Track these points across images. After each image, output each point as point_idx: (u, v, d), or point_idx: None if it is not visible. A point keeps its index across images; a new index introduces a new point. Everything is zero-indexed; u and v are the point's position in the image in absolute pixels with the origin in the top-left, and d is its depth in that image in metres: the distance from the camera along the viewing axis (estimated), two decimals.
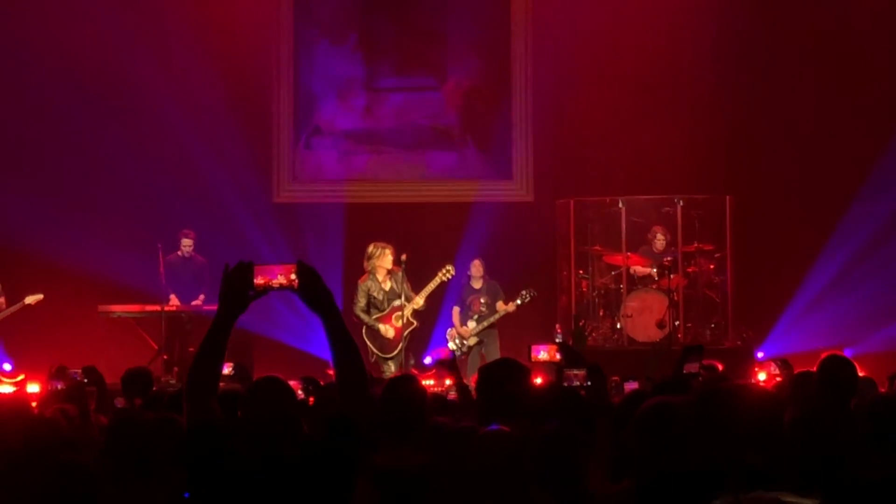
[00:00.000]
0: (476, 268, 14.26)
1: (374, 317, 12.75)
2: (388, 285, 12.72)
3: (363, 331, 12.78)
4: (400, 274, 12.70)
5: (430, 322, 14.48)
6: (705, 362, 7.78)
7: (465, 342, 14.02)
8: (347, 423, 3.89)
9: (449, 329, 14.29)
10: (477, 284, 14.21)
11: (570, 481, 4.38)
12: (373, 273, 12.75)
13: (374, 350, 12.81)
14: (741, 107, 16.07)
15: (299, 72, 16.77)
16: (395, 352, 12.72)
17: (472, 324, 14.06)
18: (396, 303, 12.75)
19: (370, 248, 12.81)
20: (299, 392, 6.23)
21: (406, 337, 12.82)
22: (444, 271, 12.94)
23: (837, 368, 6.36)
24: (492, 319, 14.02)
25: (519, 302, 13.97)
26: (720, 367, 8.72)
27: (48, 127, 15.93)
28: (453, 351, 13.81)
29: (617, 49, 16.13)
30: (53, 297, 14.37)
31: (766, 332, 15.25)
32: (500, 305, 14.07)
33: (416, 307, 12.73)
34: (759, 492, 3.08)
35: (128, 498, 4.45)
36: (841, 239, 15.36)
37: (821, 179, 15.68)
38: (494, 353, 13.65)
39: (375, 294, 12.73)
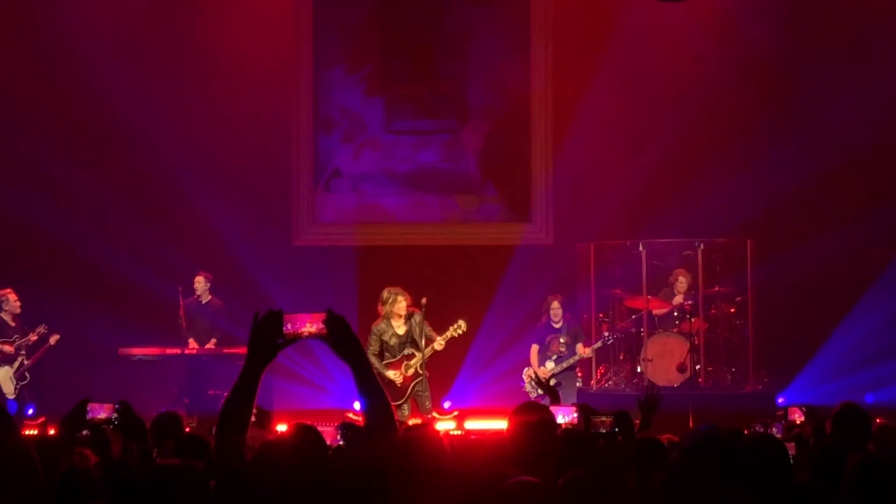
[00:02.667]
0: (554, 304, 13.95)
1: (385, 362, 12.58)
2: (402, 329, 12.50)
3: None
4: (419, 316, 12.49)
5: (454, 368, 14.41)
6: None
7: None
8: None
9: (526, 369, 13.92)
10: (557, 324, 13.90)
11: None
12: (387, 318, 12.59)
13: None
14: (763, 149, 16.03)
15: (319, 114, 16.81)
16: (402, 400, 12.51)
17: (549, 364, 13.74)
18: (407, 351, 12.51)
19: (384, 294, 12.64)
20: (338, 438, 6.30)
21: (414, 387, 12.56)
22: (455, 326, 12.45)
23: (851, 417, 6.32)
24: (571, 361, 13.75)
25: (599, 345, 13.88)
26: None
27: (71, 166, 15.94)
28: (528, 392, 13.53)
29: (637, 91, 16.15)
30: (72, 340, 14.36)
31: (786, 377, 15.14)
32: (579, 348, 13.81)
33: (437, 348, 12.49)
34: None
35: None
36: (866, 284, 15.27)
37: (843, 223, 15.60)
38: (571, 395, 13.40)
39: (388, 339, 12.51)
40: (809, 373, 15.15)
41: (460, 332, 12.44)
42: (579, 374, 14.56)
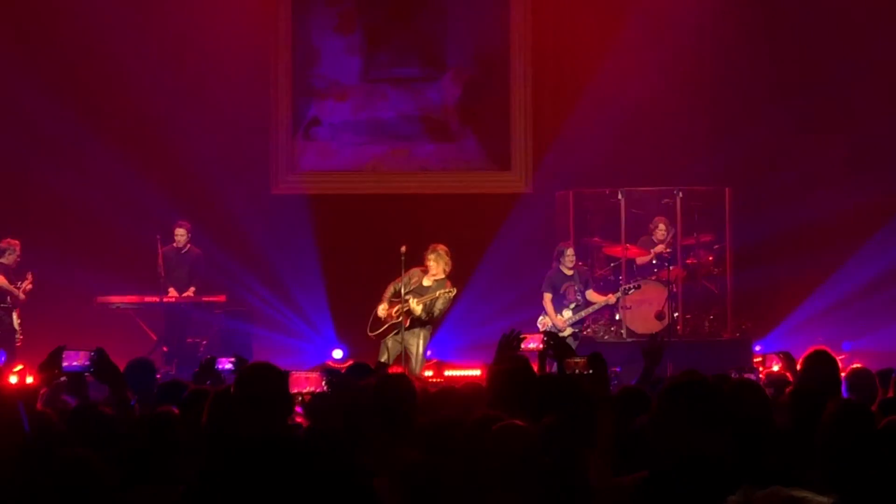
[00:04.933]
0: (569, 251, 13.71)
1: (390, 297, 12.45)
2: (427, 283, 12.33)
3: None
4: (447, 291, 12.19)
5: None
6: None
7: (559, 332, 13.21)
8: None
9: (541, 317, 13.69)
10: (569, 271, 13.69)
11: (570, 475, 4.35)
12: (425, 270, 12.42)
13: (370, 323, 12.50)
14: (741, 98, 16.05)
15: (297, 62, 16.71)
16: (375, 333, 12.44)
17: (567, 313, 13.55)
18: (407, 296, 12.39)
19: (438, 249, 12.48)
20: (323, 384, 6.37)
21: (387, 330, 12.39)
22: (445, 291, 12.27)
23: (818, 364, 6.37)
24: (590, 310, 13.67)
25: (620, 294, 13.81)
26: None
27: (48, 114, 15.84)
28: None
29: (616, 40, 16.10)
30: (49, 288, 14.32)
31: (765, 323, 15.22)
32: (593, 295, 13.67)
33: (411, 307, 12.24)
34: (775, 488, 3.06)
35: (134, 497, 4.43)
36: (842, 231, 15.33)
37: (822, 172, 15.65)
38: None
39: (412, 283, 12.36)
40: (787, 321, 15.24)
41: (447, 295, 12.28)
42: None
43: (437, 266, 12.37)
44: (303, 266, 15.93)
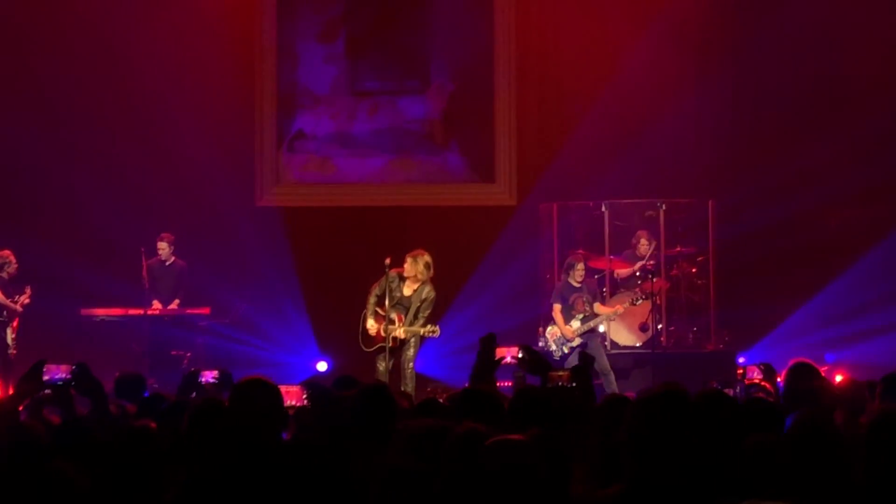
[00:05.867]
0: (580, 265, 13.80)
1: (374, 306, 12.54)
2: (407, 292, 12.40)
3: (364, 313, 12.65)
4: (428, 295, 12.33)
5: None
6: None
7: (567, 343, 13.66)
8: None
9: (550, 327, 13.88)
10: (577, 283, 13.77)
11: (553, 488, 4.34)
12: (403, 275, 12.49)
13: (361, 337, 12.56)
14: (724, 111, 16.09)
15: (282, 74, 16.72)
16: (369, 349, 12.50)
17: (575, 323, 13.66)
18: (393, 315, 12.45)
19: (411, 256, 12.54)
20: (304, 398, 6.44)
21: (379, 349, 12.42)
22: (430, 329, 12.35)
23: (800, 375, 6.41)
24: (598, 321, 13.76)
25: (628, 304, 13.89)
26: None
27: (27, 132, 15.80)
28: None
29: (601, 52, 16.15)
30: (33, 301, 14.28)
31: (749, 336, 15.24)
32: (600, 308, 13.79)
33: (395, 334, 12.31)
34: (754, 500, 3.08)
35: None
36: (827, 243, 15.38)
37: (804, 184, 15.69)
38: (599, 353, 13.31)
39: (392, 292, 12.42)
40: (770, 333, 15.27)
41: (434, 335, 12.37)
42: (540, 333, 14.59)
43: (412, 270, 12.40)
44: (287, 278, 15.92)
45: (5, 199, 15.74)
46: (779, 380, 7.66)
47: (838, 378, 11.13)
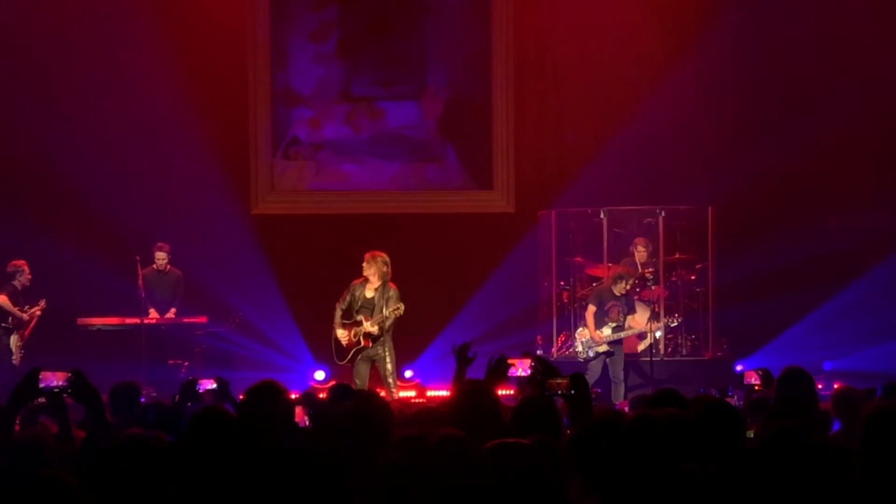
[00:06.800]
0: (630, 280, 13.85)
1: (341, 319, 12.57)
2: (370, 294, 12.51)
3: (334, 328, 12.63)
4: (393, 293, 12.32)
5: (417, 338, 14.39)
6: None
7: (594, 347, 13.70)
8: None
9: (580, 328, 13.99)
10: (619, 293, 13.77)
11: (553, 490, 4.31)
12: (365, 279, 12.55)
13: (334, 351, 12.62)
14: (724, 117, 16.08)
15: (277, 81, 16.69)
16: (343, 362, 12.52)
17: (607, 330, 13.72)
18: (359, 317, 12.50)
19: (366, 255, 12.63)
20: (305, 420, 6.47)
21: (362, 352, 12.42)
22: (393, 309, 12.28)
23: (794, 381, 6.39)
24: (628, 333, 13.81)
25: (661, 327, 14.04)
26: None
27: (23, 140, 15.77)
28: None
29: (599, 59, 16.15)
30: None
31: (747, 343, 15.20)
32: (633, 321, 13.84)
33: (367, 329, 12.34)
34: None
35: None
36: (826, 252, 15.35)
37: (803, 191, 15.68)
38: (619, 366, 13.55)
39: (357, 298, 12.51)
40: (768, 341, 15.23)
41: (395, 314, 12.31)
42: (539, 341, 14.58)
43: (369, 269, 12.40)
44: (283, 286, 15.89)
45: (2, 208, 15.67)
46: None
47: (836, 386, 11.08)
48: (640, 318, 14.12)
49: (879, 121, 15.79)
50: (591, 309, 13.82)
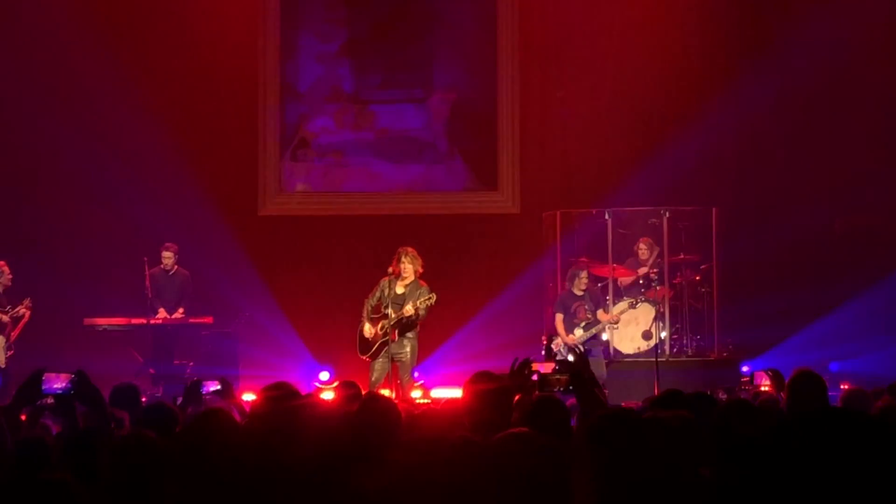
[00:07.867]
0: (583, 274, 13.99)
1: (369, 314, 12.57)
2: (399, 290, 12.46)
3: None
4: (425, 291, 12.30)
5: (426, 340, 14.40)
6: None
7: (572, 350, 13.71)
8: None
9: (553, 338, 14.04)
10: (579, 292, 13.92)
11: (547, 492, 4.31)
12: (395, 275, 12.54)
13: (358, 345, 12.64)
14: (728, 118, 16.07)
15: (285, 83, 16.73)
16: (369, 353, 12.53)
17: (578, 332, 13.83)
18: (389, 311, 12.51)
19: (399, 251, 12.61)
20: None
21: (386, 348, 12.48)
22: (427, 297, 12.30)
23: (805, 383, 6.35)
24: (601, 328, 13.90)
25: (627, 308, 14.06)
26: None
27: (31, 139, 15.83)
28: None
29: (604, 61, 16.16)
30: (36, 310, 14.26)
31: (751, 344, 15.19)
32: (602, 316, 13.89)
33: (406, 313, 12.24)
34: None
35: None
36: (831, 252, 15.33)
37: (808, 192, 15.68)
38: (599, 362, 13.49)
39: (385, 294, 12.48)
40: (775, 342, 15.21)
41: (430, 303, 12.36)
42: (545, 341, 14.58)
43: (403, 265, 12.40)
44: (291, 287, 15.91)
45: (7, 207, 15.72)
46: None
47: (843, 388, 11.08)
48: (615, 309, 14.14)
49: (885, 122, 15.78)
50: (559, 317, 13.92)
